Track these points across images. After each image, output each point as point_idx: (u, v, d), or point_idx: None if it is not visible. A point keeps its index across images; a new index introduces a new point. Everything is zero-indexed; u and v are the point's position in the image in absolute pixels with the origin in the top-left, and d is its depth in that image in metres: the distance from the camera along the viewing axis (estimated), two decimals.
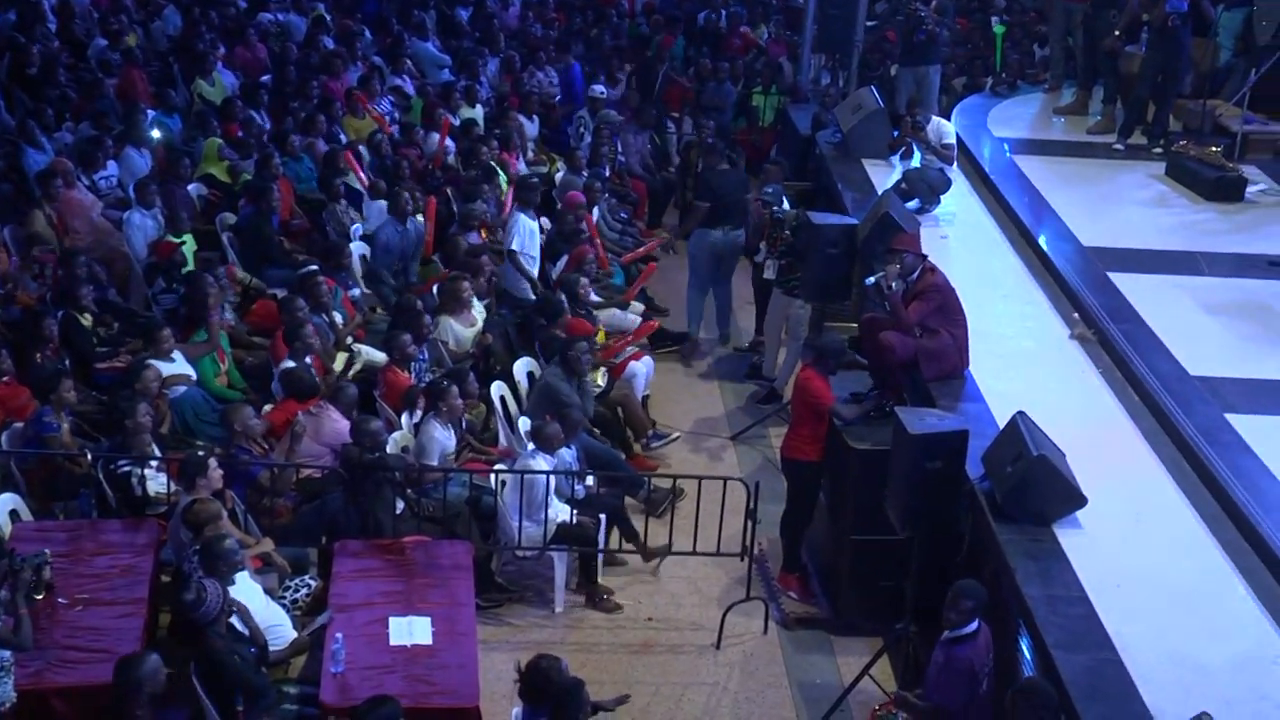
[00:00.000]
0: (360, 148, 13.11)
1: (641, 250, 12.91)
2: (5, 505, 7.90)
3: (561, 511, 8.67)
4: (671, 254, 13.20)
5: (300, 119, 13.55)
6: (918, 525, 7.29)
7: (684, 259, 12.47)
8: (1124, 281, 10.28)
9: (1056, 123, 14.69)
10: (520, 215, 11.52)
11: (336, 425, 8.82)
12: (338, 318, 10.22)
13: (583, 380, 9.64)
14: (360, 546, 7.99)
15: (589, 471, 9.08)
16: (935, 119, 12.50)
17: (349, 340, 10.11)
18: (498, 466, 8.80)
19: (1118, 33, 13.65)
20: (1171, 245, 11.30)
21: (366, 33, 17.24)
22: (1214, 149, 12.60)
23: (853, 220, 10.35)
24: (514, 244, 11.37)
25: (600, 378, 10.34)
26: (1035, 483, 7.13)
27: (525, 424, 9.21)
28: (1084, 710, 5.94)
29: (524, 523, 8.50)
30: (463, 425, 9.12)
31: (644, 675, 8.14)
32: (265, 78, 15.24)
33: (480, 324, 10.50)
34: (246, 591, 7.12)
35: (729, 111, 16.14)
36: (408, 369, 9.56)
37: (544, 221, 12.10)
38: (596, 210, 12.73)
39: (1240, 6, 13.75)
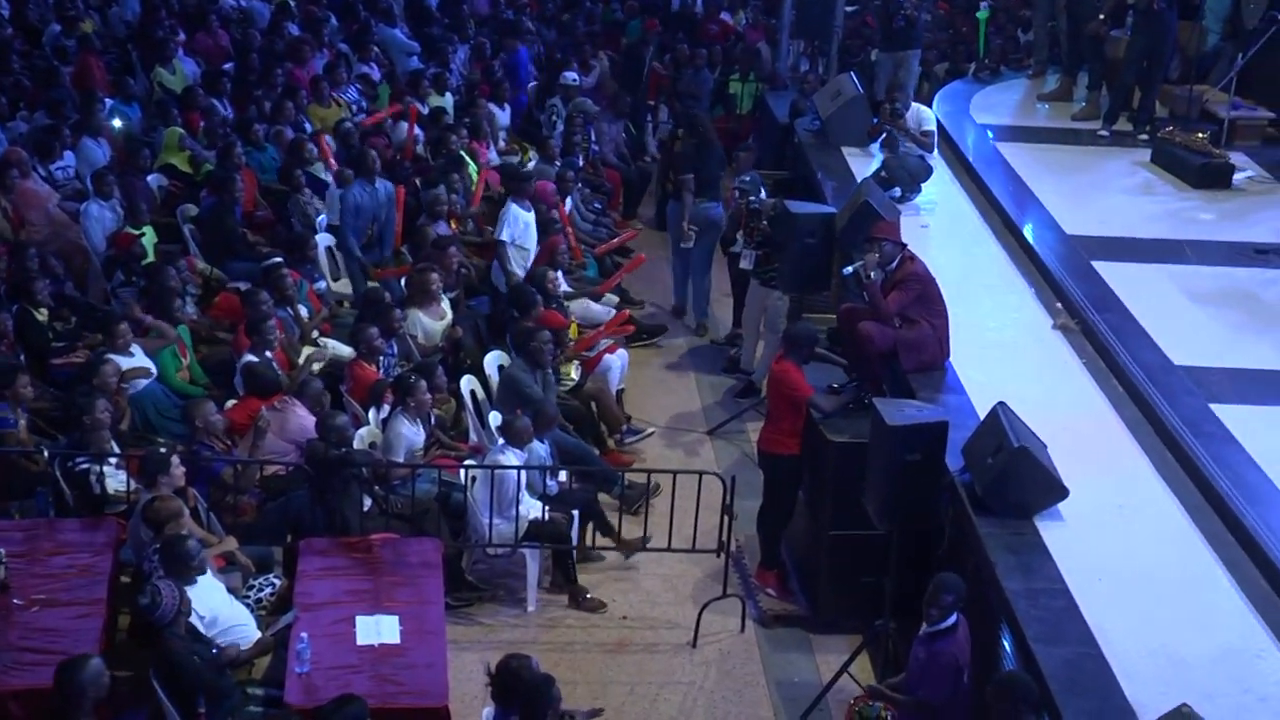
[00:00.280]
0: (327, 137, 12.89)
1: (615, 241, 12.80)
2: None
3: (533, 508, 8.54)
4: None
5: (265, 108, 13.33)
6: (896, 519, 7.22)
7: (660, 251, 12.27)
8: (1108, 270, 10.16)
9: (1040, 109, 14.54)
10: (513, 206, 11.39)
11: (302, 421, 8.73)
12: (303, 311, 10.06)
13: (546, 372, 9.51)
14: (326, 544, 7.89)
15: (561, 466, 8.94)
16: (915, 105, 12.41)
17: (314, 334, 9.95)
18: (468, 462, 8.66)
19: (1103, 16, 13.49)
20: (1157, 233, 11.17)
21: (333, 19, 16.94)
22: (1200, 135, 12.46)
23: (831, 209, 10.22)
24: (504, 235, 11.22)
25: (574, 371, 10.18)
26: (1016, 475, 7.06)
27: (495, 419, 9.05)
28: (1064, 704, 5.88)
29: (495, 519, 8.39)
30: (431, 420, 9.01)
31: (619, 675, 8.02)
32: (227, 65, 14.98)
33: (449, 317, 10.33)
34: (209, 590, 7.01)
35: (706, 99, 15.92)
36: (375, 363, 9.43)
37: None
38: (569, 201, 12.58)
39: None
